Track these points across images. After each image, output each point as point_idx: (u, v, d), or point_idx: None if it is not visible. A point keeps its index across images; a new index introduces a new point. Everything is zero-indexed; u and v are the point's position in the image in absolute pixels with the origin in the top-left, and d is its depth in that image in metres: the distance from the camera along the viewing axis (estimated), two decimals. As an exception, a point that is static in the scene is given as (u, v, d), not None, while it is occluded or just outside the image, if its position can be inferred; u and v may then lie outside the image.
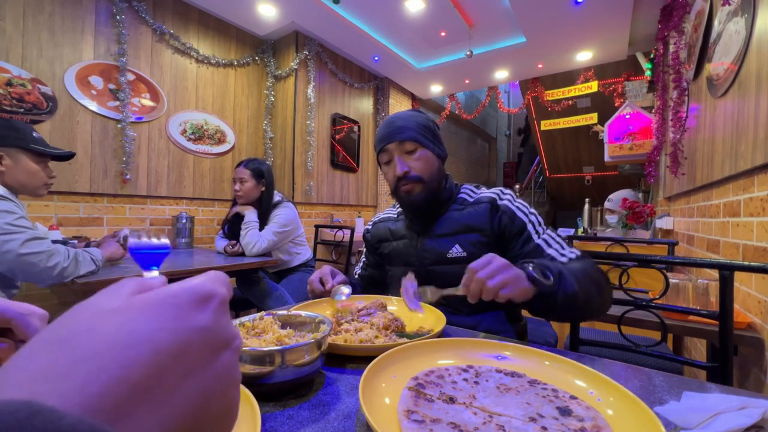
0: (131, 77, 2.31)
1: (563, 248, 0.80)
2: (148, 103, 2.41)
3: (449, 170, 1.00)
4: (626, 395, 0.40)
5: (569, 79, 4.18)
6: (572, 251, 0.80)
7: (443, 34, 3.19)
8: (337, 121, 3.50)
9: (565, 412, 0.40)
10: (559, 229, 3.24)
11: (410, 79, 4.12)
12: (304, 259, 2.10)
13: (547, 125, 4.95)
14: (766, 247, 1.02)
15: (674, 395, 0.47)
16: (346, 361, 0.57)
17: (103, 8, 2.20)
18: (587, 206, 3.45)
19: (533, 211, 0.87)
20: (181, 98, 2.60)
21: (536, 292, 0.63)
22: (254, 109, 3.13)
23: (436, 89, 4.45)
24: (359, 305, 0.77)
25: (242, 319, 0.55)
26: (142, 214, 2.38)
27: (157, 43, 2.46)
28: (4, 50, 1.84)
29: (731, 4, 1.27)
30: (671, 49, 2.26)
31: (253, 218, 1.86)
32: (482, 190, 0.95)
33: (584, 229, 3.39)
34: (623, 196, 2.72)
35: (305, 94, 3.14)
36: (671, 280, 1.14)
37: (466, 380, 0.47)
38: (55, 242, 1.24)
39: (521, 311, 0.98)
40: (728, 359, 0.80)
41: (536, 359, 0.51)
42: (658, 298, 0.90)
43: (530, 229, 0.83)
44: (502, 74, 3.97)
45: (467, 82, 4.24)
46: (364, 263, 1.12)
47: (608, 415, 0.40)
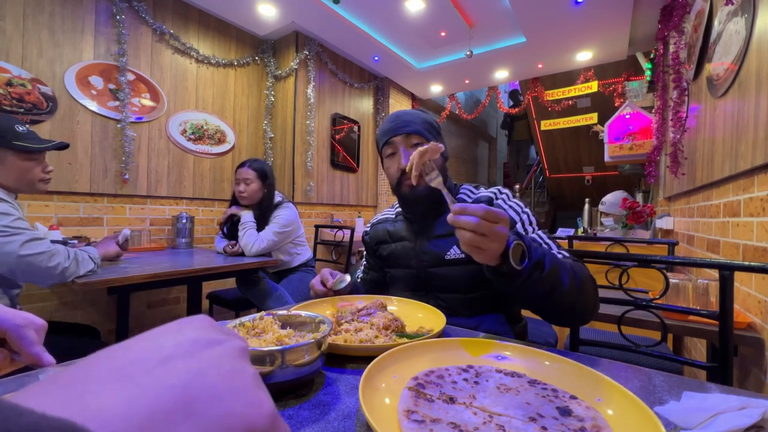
0: (131, 77, 2.31)
1: (551, 249, 0.78)
2: (148, 103, 2.41)
3: (449, 170, 1.00)
4: (626, 395, 0.40)
5: (569, 79, 4.17)
6: (561, 253, 0.77)
7: (443, 34, 3.19)
8: (337, 121, 3.49)
9: (565, 412, 0.40)
10: (559, 229, 3.23)
11: (410, 79, 4.11)
12: (304, 259, 2.11)
13: (547, 125, 4.94)
14: (766, 247, 1.02)
15: (674, 395, 0.47)
16: (346, 361, 0.57)
17: (103, 8, 2.20)
18: (587, 206, 3.45)
19: (527, 210, 0.87)
20: (181, 98, 2.60)
21: (501, 267, 0.59)
22: (254, 109, 3.13)
23: (436, 89, 4.45)
24: (359, 305, 0.77)
25: (242, 319, 0.55)
26: (142, 214, 2.38)
27: (157, 43, 2.46)
28: (4, 50, 1.84)
29: (733, 3, 1.26)
30: (671, 49, 2.26)
31: (249, 219, 1.86)
32: (481, 190, 0.94)
33: (584, 229, 3.39)
34: (617, 197, 2.71)
35: (305, 94, 3.14)
36: (671, 280, 1.14)
37: (466, 380, 0.47)
38: (55, 242, 1.24)
39: (521, 312, 0.98)
40: (728, 359, 0.80)
41: (536, 359, 0.51)
42: (658, 298, 0.90)
43: (519, 227, 0.83)
44: (502, 74, 3.97)
45: (467, 82, 4.24)
46: (365, 266, 1.12)
47: (608, 415, 0.40)
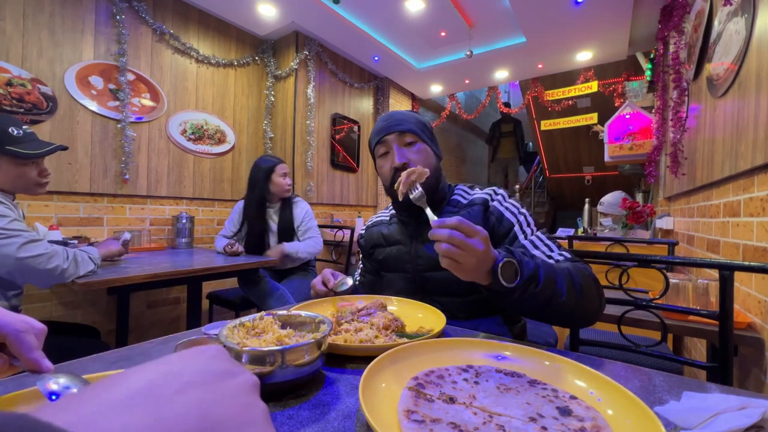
0: (131, 77, 2.31)
1: (552, 251, 0.77)
2: (148, 103, 2.41)
3: (449, 170, 1.00)
4: (626, 395, 0.40)
5: (569, 79, 4.17)
6: (562, 254, 0.76)
7: (443, 34, 3.19)
8: (337, 121, 3.49)
9: (565, 412, 0.40)
10: (559, 229, 3.23)
11: (410, 79, 4.11)
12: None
13: (547, 125, 4.94)
14: (766, 247, 1.02)
15: (674, 395, 0.47)
16: (346, 361, 0.57)
17: (103, 8, 2.20)
18: (587, 206, 3.45)
19: (524, 211, 0.85)
20: (181, 98, 2.60)
21: (492, 286, 0.60)
22: (254, 109, 3.13)
23: (436, 89, 4.45)
24: (359, 305, 0.77)
25: (242, 319, 0.55)
26: (142, 214, 2.38)
27: (157, 43, 2.46)
28: (4, 50, 1.84)
29: (732, 4, 1.26)
30: (671, 49, 2.26)
31: (292, 248, 1.95)
32: (476, 190, 0.93)
33: (584, 229, 3.39)
34: (616, 197, 2.70)
35: (305, 94, 3.14)
36: (671, 280, 1.13)
37: (466, 380, 0.47)
38: (54, 243, 1.23)
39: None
40: (728, 359, 0.80)
41: (536, 359, 0.51)
42: (658, 298, 0.90)
43: (516, 229, 0.82)
44: (502, 74, 3.96)
45: (467, 82, 4.24)
46: (362, 270, 1.10)
47: (608, 415, 0.40)
